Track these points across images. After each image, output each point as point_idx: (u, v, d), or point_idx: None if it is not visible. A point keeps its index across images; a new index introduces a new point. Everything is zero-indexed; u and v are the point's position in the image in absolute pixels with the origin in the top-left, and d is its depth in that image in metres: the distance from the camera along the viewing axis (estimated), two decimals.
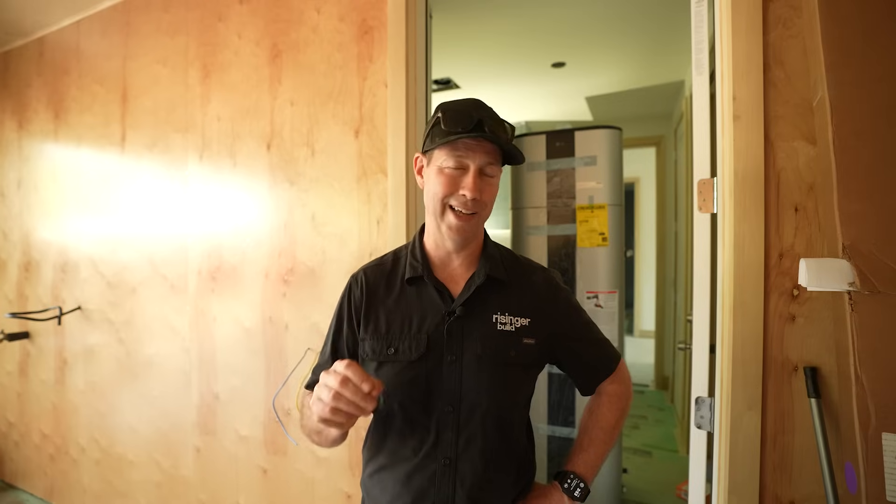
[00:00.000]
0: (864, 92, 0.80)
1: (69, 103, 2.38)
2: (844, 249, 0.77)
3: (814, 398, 0.98)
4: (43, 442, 2.51)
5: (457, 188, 0.81)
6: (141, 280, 2.11)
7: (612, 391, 0.95)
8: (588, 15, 2.48)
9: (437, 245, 0.89)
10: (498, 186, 0.87)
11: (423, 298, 0.87)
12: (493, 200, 0.85)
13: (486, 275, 0.86)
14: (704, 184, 1.16)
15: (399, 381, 0.83)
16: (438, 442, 0.81)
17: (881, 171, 0.78)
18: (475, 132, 0.79)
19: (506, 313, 0.86)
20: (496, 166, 0.84)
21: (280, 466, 1.73)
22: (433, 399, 0.82)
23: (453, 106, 0.83)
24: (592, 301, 2.07)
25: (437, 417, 0.81)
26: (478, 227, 0.87)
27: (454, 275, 0.89)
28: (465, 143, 0.80)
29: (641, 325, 5.95)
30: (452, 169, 0.81)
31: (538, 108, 4.09)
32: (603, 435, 0.91)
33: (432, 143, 0.83)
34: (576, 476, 0.86)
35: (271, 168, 1.75)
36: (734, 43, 1.08)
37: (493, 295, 0.87)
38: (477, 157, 0.81)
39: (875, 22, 0.81)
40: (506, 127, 0.84)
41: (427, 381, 0.82)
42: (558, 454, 2.10)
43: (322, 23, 1.66)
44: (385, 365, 0.85)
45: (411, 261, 0.90)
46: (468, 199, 0.80)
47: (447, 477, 0.80)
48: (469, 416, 0.81)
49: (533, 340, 0.86)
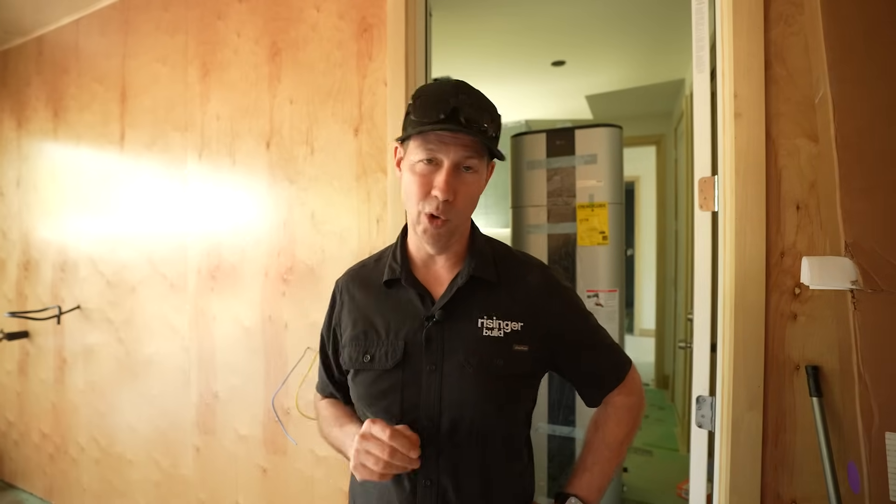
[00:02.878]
0: (867, 89, 0.80)
1: (68, 102, 2.38)
2: (847, 247, 0.77)
3: (815, 397, 0.97)
4: (42, 441, 2.51)
5: (429, 189, 0.71)
6: (140, 279, 2.10)
7: (621, 403, 0.84)
8: (588, 13, 2.47)
9: (417, 246, 0.81)
10: (482, 183, 0.77)
11: (402, 302, 0.80)
12: (471, 200, 0.76)
13: (468, 275, 0.78)
14: (705, 182, 1.16)
15: (374, 390, 0.77)
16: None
17: (883, 168, 0.78)
18: (449, 123, 0.69)
19: (493, 317, 0.77)
20: (477, 159, 0.72)
21: (279, 466, 1.73)
22: (411, 412, 0.74)
23: (428, 90, 0.73)
24: (593, 300, 2.07)
25: (415, 431, 0.71)
26: (452, 233, 0.77)
27: (438, 276, 0.81)
28: (438, 134, 0.70)
29: (642, 324, 5.95)
30: (424, 164, 0.72)
31: (538, 106, 4.09)
32: (609, 453, 0.82)
33: (405, 132, 0.74)
34: (578, 500, 0.77)
35: (270, 166, 1.75)
36: (735, 40, 1.08)
37: (478, 297, 0.78)
38: (451, 152, 0.70)
39: (877, 19, 0.81)
40: (492, 115, 0.73)
41: (403, 393, 0.75)
42: (558, 453, 2.09)
43: (321, 21, 1.65)
44: (360, 373, 0.79)
45: (391, 262, 0.83)
46: (439, 201, 0.71)
47: (429, 499, 0.74)
48: (451, 432, 0.74)
49: (526, 347, 0.77)
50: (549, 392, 2.12)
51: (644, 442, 3.12)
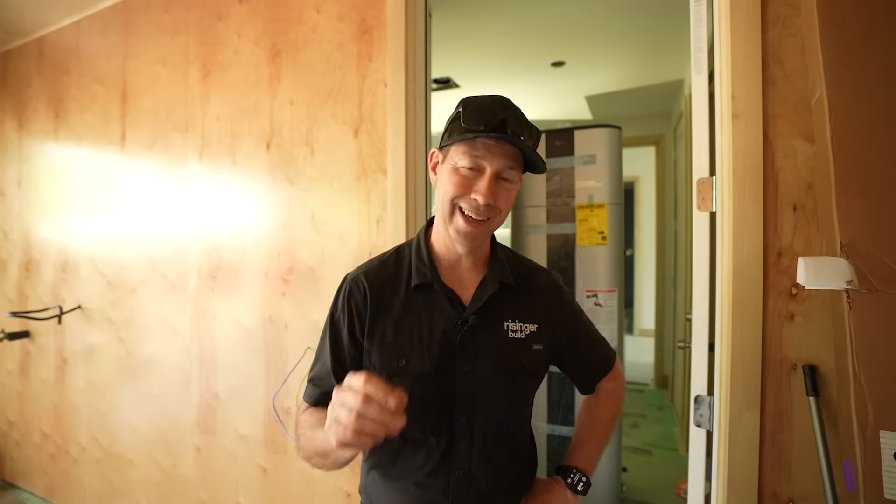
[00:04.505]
0: (862, 91, 0.80)
1: (69, 103, 2.38)
2: (842, 248, 0.77)
3: (812, 396, 0.98)
4: (43, 441, 2.52)
5: (469, 190, 0.75)
6: (141, 279, 2.11)
7: (609, 388, 0.97)
8: (588, 14, 2.48)
9: (446, 247, 0.83)
10: (516, 194, 0.81)
11: (432, 305, 0.82)
12: (508, 208, 0.80)
13: (499, 281, 0.83)
14: (703, 182, 1.16)
15: (411, 394, 0.75)
16: (452, 453, 0.79)
17: (879, 169, 0.78)
18: (496, 132, 0.73)
19: (516, 320, 0.83)
20: (516, 171, 0.78)
21: (280, 465, 1.73)
22: (447, 410, 0.79)
23: (476, 101, 0.76)
24: (592, 300, 2.07)
25: (450, 428, 0.78)
26: (488, 234, 0.82)
27: (463, 279, 0.85)
28: (485, 143, 0.74)
29: (641, 324, 5.95)
30: (467, 169, 0.75)
31: (538, 107, 4.09)
32: (601, 430, 0.94)
33: (450, 139, 0.77)
34: (578, 471, 0.86)
35: (271, 167, 1.75)
36: (733, 41, 1.08)
37: (503, 302, 0.83)
38: (495, 160, 0.75)
39: (873, 22, 0.81)
40: (532, 130, 0.77)
41: (441, 393, 0.79)
42: (557, 452, 2.10)
43: (321, 22, 1.66)
44: (395, 378, 0.78)
45: (418, 264, 0.84)
46: (480, 205, 0.75)
47: (462, 488, 0.79)
48: (484, 425, 0.80)
49: (541, 346, 0.84)
50: (549, 392, 2.12)
51: (643, 442, 3.13)
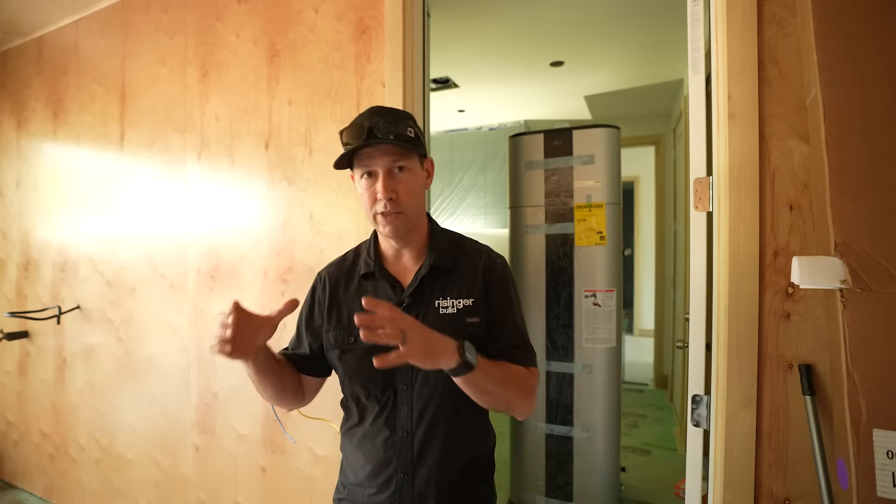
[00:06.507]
0: (857, 91, 0.81)
1: (68, 103, 2.39)
2: (836, 247, 0.78)
3: (808, 395, 0.98)
4: (42, 441, 2.52)
5: (376, 195, 0.88)
6: (140, 279, 2.11)
7: (526, 373, 0.91)
8: (586, 14, 2.48)
9: (386, 244, 0.98)
10: (419, 177, 0.92)
11: (378, 291, 0.96)
12: (413, 193, 0.90)
13: (430, 265, 0.93)
14: (700, 182, 1.17)
15: (361, 365, 0.92)
16: (397, 416, 0.91)
17: (873, 169, 0.79)
18: (368, 140, 0.85)
19: (447, 297, 0.92)
20: (405, 160, 0.89)
21: (279, 465, 1.74)
22: (390, 379, 0.92)
23: (351, 123, 0.90)
24: (590, 300, 2.07)
25: (394, 395, 0.92)
26: (408, 223, 0.91)
27: (405, 267, 0.97)
28: (366, 151, 0.87)
29: (641, 324, 5.95)
30: (367, 179, 0.89)
31: (537, 106, 4.09)
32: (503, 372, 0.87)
33: (348, 162, 0.91)
34: (473, 349, 0.80)
35: (269, 167, 1.76)
36: (729, 42, 1.09)
37: (437, 282, 0.94)
38: (380, 161, 0.87)
39: (867, 22, 0.82)
40: (404, 123, 0.88)
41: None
42: (557, 452, 2.10)
43: (320, 22, 1.66)
44: (347, 353, 0.94)
45: (366, 258, 0.99)
46: (385, 201, 0.87)
47: (406, 446, 0.91)
48: (421, 391, 0.91)
49: (477, 318, 0.92)
50: (548, 392, 2.13)
51: (642, 441, 3.13)
